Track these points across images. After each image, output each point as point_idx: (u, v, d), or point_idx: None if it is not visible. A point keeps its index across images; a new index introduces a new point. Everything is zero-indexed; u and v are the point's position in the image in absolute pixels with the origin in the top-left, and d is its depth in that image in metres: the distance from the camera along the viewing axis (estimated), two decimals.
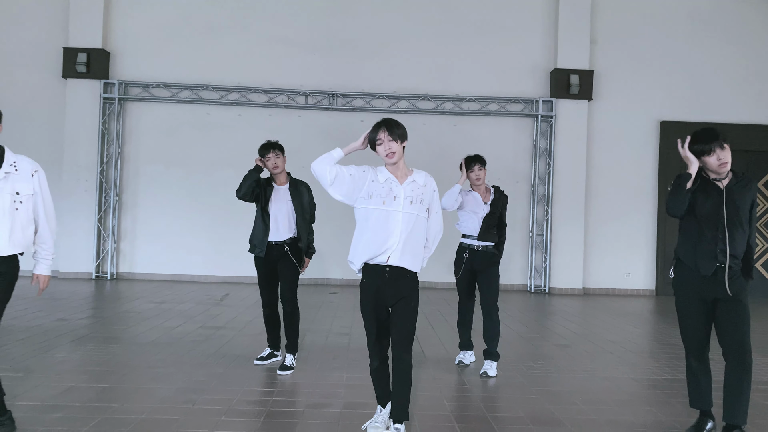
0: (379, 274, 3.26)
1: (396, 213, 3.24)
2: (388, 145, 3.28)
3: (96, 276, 10.36)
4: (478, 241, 5.04)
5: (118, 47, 10.64)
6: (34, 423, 3.46)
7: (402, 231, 3.24)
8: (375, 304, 3.30)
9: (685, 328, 3.59)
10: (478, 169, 5.07)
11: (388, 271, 3.25)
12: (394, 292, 3.28)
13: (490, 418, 3.83)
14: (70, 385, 4.21)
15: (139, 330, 6.19)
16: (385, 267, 3.25)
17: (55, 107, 10.48)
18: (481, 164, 5.11)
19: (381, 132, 3.29)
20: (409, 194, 3.29)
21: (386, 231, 3.23)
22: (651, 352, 6.16)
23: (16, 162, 3.25)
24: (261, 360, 5.00)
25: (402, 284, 3.29)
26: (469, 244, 5.07)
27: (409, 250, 3.26)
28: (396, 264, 3.24)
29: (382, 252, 3.23)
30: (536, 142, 10.78)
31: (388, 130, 3.29)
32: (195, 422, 3.57)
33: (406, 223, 3.25)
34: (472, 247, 5.05)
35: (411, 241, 3.27)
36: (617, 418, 3.92)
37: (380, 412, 3.49)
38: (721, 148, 3.43)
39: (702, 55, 10.92)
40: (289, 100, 10.64)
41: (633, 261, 10.90)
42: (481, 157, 5.15)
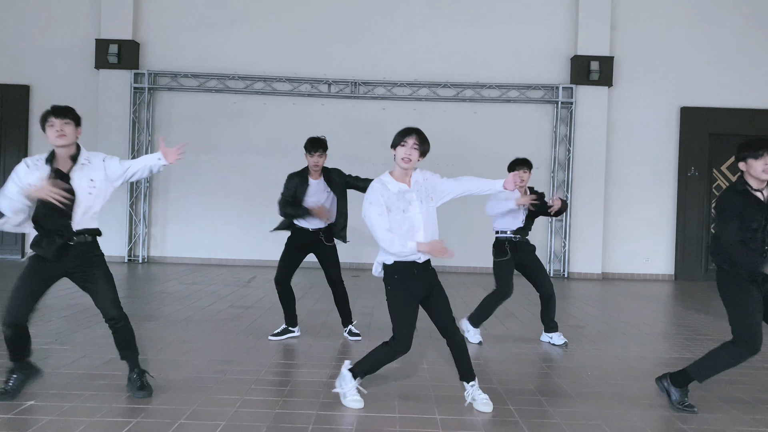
0: (409, 271, 3.56)
1: (416, 216, 3.56)
2: (410, 151, 3.53)
3: (128, 259, 10.80)
4: (514, 235, 5.35)
5: (147, 38, 10.98)
6: (84, 388, 3.80)
7: (424, 230, 3.57)
8: (409, 301, 3.58)
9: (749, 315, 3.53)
10: (523, 172, 5.24)
11: (416, 267, 3.57)
12: (425, 284, 3.61)
13: (501, 389, 4.08)
14: (111, 357, 4.54)
15: (172, 309, 6.55)
16: (413, 263, 3.56)
17: (88, 97, 10.87)
18: (527, 168, 5.30)
19: (410, 137, 3.54)
20: (419, 194, 3.60)
21: (410, 232, 3.55)
22: (664, 334, 6.33)
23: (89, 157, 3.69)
24: (275, 336, 5.26)
25: (430, 275, 3.64)
26: (507, 238, 5.35)
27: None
28: (424, 260, 3.59)
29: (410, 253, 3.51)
30: (556, 128, 10.88)
31: (418, 136, 3.55)
32: (227, 390, 3.88)
33: (425, 222, 3.58)
34: (510, 239, 5.34)
35: (431, 235, 3.60)
36: (623, 392, 4.13)
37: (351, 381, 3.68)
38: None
39: (723, 40, 10.88)
40: (312, 88, 10.90)
41: (652, 246, 10.98)
42: (528, 161, 5.34)
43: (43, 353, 4.55)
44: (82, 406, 3.50)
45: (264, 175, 10.43)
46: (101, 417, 3.34)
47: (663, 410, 3.79)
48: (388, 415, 3.53)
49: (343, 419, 3.46)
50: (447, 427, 3.38)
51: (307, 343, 5.20)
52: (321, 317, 6.33)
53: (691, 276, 10.90)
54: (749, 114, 10.80)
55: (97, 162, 3.70)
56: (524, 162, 5.31)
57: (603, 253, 10.89)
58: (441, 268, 10.95)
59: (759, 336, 3.49)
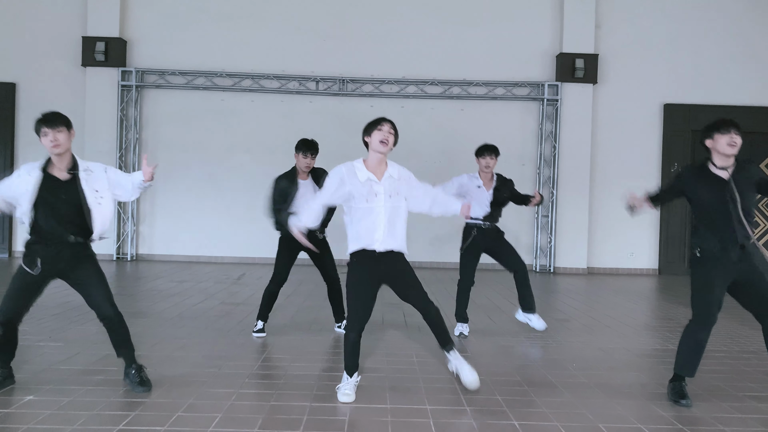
0: (369, 256, 3.70)
1: (378, 209, 3.66)
2: (387, 135, 3.69)
3: (117, 257, 10.81)
4: (483, 222, 5.44)
5: (134, 36, 10.98)
6: (81, 383, 3.87)
7: (386, 224, 3.67)
8: (364, 281, 3.70)
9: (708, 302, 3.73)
10: (490, 158, 5.42)
11: (377, 255, 3.69)
12: (386, 270, 3.73)
13: (488, 380, 4.19)
14: (106, 353, 4.60)
15: (163, 306, 6.61)
16: (374, 251, 3.69)
17: (75, 95, 10.85)
18: (495, 154, 5.44)
19: (385, 123, 3.73)
20: (388, 189, 3.70)
21: (372, 226, 3.66)
22: (647, 326, 6.50)
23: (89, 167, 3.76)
24: (260, 332, 5.30)
25: (392, 262, 3.74)
26: (477, 224, 5.44)
27: (391, 237, 3.71)
28: (382, 249, 3.69)
29: (371, 244, 3.68)
30: (542, 125, 11.04)
31: (392, 124, 3.75)
32: (222, 384, 3.97)
33: (388, 215, 3.68)
34: (479, 225, 5.44)
35: (394, 230, 3.71)
36: (606, 382, 4.27)
37: (348, 380, 3.76)
38: (737, 134, 3.65)
39: (706, 37, 11.09)
40: (300, 86, 10.96)
41: (636, 241, 11.18)
42: (496, 147, 5.47)
43: (37, 350, 4.61)
44: (80, 400, 3.56)
45: (252, 173, 10.49)
46: (100, 411, 3.41)
47: (644, 399, 3.93)
48: (380, 407, 3.63)
49: (337, 410, 3.56)
50: (437, 416, 3.49)
51: (298, 339, 5.28)
52: (312, 313, 6.42)
53: (675, 270, 11.11)
54: (731, 111, 10.98)
55: (99, 172, 3.77)
56: (491, 148, 5.44)
57: (588, 248, 11.07)
58: (424, 264, 11.01)
59: (713, 314, 3.72)
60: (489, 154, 5.42)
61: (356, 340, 3.74)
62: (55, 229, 3.61)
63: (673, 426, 3.47)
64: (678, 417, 3.61)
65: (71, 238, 3.64)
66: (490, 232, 5.46)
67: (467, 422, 3.43)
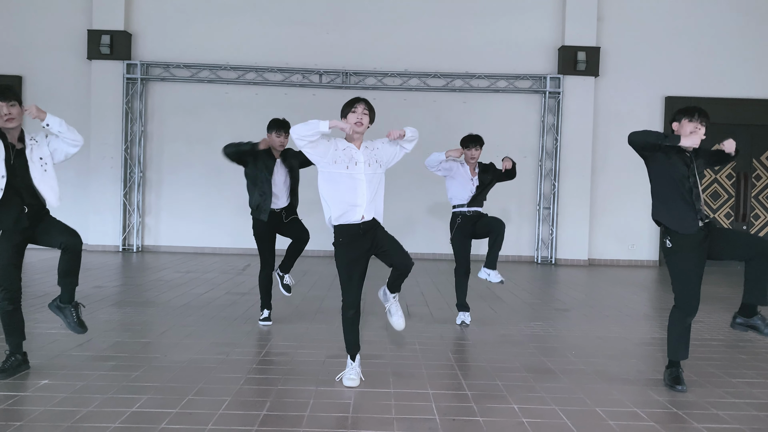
0: (354, 231, 3.75)
1: (359, 175, 3.73)
2: (361, 116, 3.77)
3: (122, 249, 10.93)
4: (468, 208, 5.61)
5: (139, 29, 11.06)
6: (93, 369, 3.99)
7: (367, 190, 3.74)
8: (352, 260, 3.77)
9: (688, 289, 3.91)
10: (475, 149, 5.62)
11: (361, 227, 3.74)
12: (372, 241, 3.78)
13: (488, 368, 4.31)
14: (116, 340, 4.75)
15: (170, 296, 6.73)
16: (359, 225, 3.74)
17: (81, 88, 10.94)
18: (480, 145, 5.65)
19: (359, 104, 3.80)
20: (367, 158, 3.78)
21: (353, 193, 3.71)
22: (646, 316, 6.61)
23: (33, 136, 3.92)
24: (266, 321, 5.42)
25: (373, 231, 3.79)
26: (461, 211, 5.62)
27: (374, 205, 3.78)
28: (368, 219, 3.75)
29: (354, 211, 3.72)
30: (544, 117, 11.11)
31: (366, 103, 3.83)
32: (230, 370, 4.09)
33: (369, 183, 3.75)
34: (463, 212, 5.61)
35: (376, 197, 3.80)
36: (604, 369, 4.38)
37: (351, 365, 3.88)
38: (702, 123, 3.90)
39: (707, 30, 11.13)
40: (303, 79, 11.04)
41: (637, 233, 11.25)
42: (481, 138, 5.68)
43: (50, 337, 4.74)
44: (94, 384, 3.69)
45: None
46: (113, 394, 3.53)
47: (641, 385, 4.04)
48: (383, 391, 3.75)
49: (342, 394, 3.68)
50: (439, 400, 3.61)
51: (303, 327, 5.40)
52: (316, 303, 6.53)
53: None
54: (733, 103, 11.07)
55: (42, 142, 3.91)
56: (476, 140, 5.62)
57: (589, 240, 11.16)
58: (426, 255, 11.10)
59: (695, 298, 3.88)
60: (474, 146, 5.60)
61: (353, 316, 3.82)
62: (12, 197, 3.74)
63: (667, 410, 3.58)
64: (673, 401, 3.72)
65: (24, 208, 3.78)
66: (473, 217, 5.61)
67: (468, 406, 3.55)
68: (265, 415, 3.29)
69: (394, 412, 3.40)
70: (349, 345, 3.90)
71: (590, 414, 3.47)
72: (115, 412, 3.26)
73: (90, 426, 3.07)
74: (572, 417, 3.40)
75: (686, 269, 3.90)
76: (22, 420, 3.13)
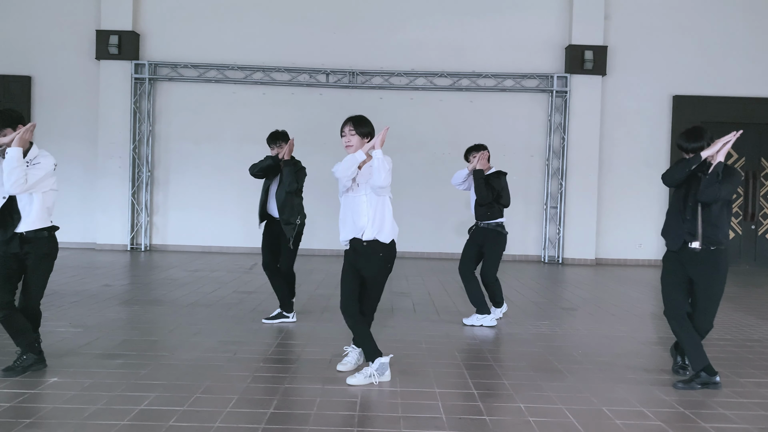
0: (353, 247, 3.89)
1: (361, 198, 3.81)
2: (349, 138, 3.88)
3: (131, 248, 10.99)
4: (479, 221, 5.64)
5: (147, 29, 11.11)
6: (101, 367, 4.02)
7: (370, 215, 3.80)
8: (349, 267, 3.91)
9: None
10: (473, 157, 5.61)
11: (360, 244, 3.84)
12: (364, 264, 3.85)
13: (495, 366, 4.32)
14: (124, 338, 4.78)
15: (178, 294, 6.77)
16: (362, 241, 3.83)
17: (89, 88, 11.01)
18: (480, 150, 5.62)
19: (345, 126, 3.92)
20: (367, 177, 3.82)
21: (356, 216, 3.82)
22: (653, 315, 6.58)
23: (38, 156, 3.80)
24: (269, 319, 5.49)
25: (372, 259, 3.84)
26: (476, 222, 5.68)
27: (378, 224, 3.81)
28: (369, 239, 3.82)
29: (358, 231, 3.82)
30: (551, 117, 11.08)
31: (352, 123, 3.91)
32: (238, 368, 4.11)
33: (368, 207, 3.81)
34: (478, 224, 5.66)
35: (378, 216, 3.82)
36: (611, 368, 4.37)
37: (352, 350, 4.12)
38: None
39: (715, 28, 11.07)
40: (310, 78, 11.06)
41: (645, 232, 11.21)
42: (481, 145, 5.67)
43: (58, 335, 4.77)
44: (102, 382, 3.71)
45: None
46: (121, 392, 3.56)
47: (647, 384, 4.03)
48: (390, 389, 3.76)
49: (349, 392, 3.69)
50: (445, 399, 3.61)
51: (310, 325, 5.42)
52: (322, 301, 6.55)
53: None
54: (741, 102, 11.02)
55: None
56: (474, 149, 5.64)
57: (597, 239, 11.13)
58: (417, 254, 11.12)
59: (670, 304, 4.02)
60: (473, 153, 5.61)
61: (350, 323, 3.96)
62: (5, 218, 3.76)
63: (675, 409, 3.57)
64: (680, 401, 3.71)
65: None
66: (483, 231, 5.60)
67: (474, 404, 3.55)
68: (272, 413, 3.31)
69: (401, 411, 3.41)
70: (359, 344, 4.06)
71: (597, 413, 3.47)
72: (123, 409, 3.28)
73: (98, 423, 3.10)
74: (579, 416, 3.40)
75: (666, 276, 4.08)
76: (32, 417, 3.16)
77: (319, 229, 9.51)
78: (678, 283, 4.01)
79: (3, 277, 3.78)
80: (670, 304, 4.03)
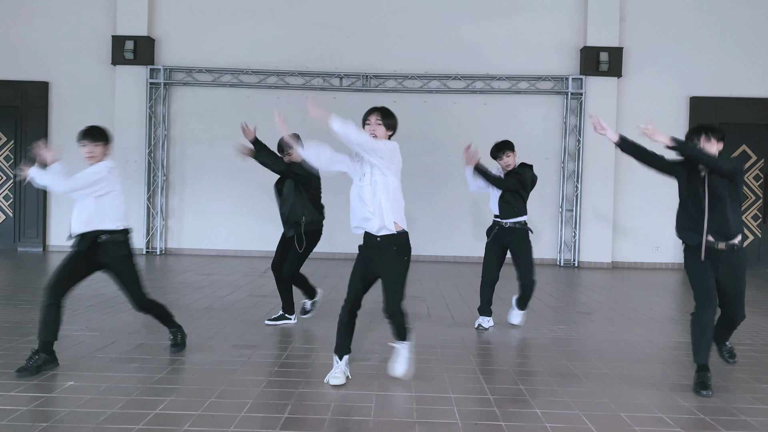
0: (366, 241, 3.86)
1: (365, 187, 3.74)
2: (375, 128, 3.78)
3: (146, 251, 11.06)
4: (504, 220, 5.45)
5: (162, 34, 11.20)
6: (118, 370, 4.04)
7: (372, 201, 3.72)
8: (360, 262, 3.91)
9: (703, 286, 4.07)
10: (506, 156, 5.40)
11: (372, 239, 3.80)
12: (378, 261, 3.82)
13: (511, 371, 4.28)
14: (140, 342, 4.80)
15: (193, 298, 6.79)
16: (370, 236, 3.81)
17: (105, 93, 11.12)
18: (510, 150, 5.41)
19: (371, 115, 3.80)
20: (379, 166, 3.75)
21: (361, 204, 3.75)
22: (671, 319, 6.50)
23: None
24: (271, 320, 5.54)
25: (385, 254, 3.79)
26: (498, 221, 5.49)
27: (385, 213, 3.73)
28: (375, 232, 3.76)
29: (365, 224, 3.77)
30: (566, 119, 11.01)
31: (380, 113, 3.80)
32: (252, 372, 4.11)
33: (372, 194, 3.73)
34: (501, 224, 5.47)
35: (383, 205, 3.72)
36: (628, 373, 4.31)
37: (338, 364, 3.91)
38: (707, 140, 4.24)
39: (732, 29, 10.94)
40: (324, 82, 11.08)
41: (662, 235, 11.07)
42: (509, 142, 5.43)
43: (75, 339, 4.80)
44: (118, 386, 3.73)
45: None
46: (137, 396, 3.57)
47: (666, 390, 3.97)
48: (405, 394, 3.73)
49: (364, 398, 3.67)
50: (461, 404, 3.58)
51: (324, 329, 5.40)
52: (337, 305, 6.50)
53: None
54: (759, 103, 10.87)
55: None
56: (502, 145, 5.40)
57: (613, 242, 11.02)
58: (431, 258, 11.08)
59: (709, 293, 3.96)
60: (503, 153, 5.39)
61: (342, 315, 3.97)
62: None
63: (694, 416, 3.51)
64: (700, 407, 3.64)
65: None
66: (511, 230, 5.45)
67: (490, 410, 3.52)
68: (286, 418, 3.30)
69: (416, 416, 3.38)
70: (337, 346, 3.97)
71: (615, 419, 3.42)
72: (138, 413, 3.29)
73: (114, 428, 3.10)
74: (596, 422, 3.35)
75: (692, 266, 4.06)
76: (48, 421, 3.17)
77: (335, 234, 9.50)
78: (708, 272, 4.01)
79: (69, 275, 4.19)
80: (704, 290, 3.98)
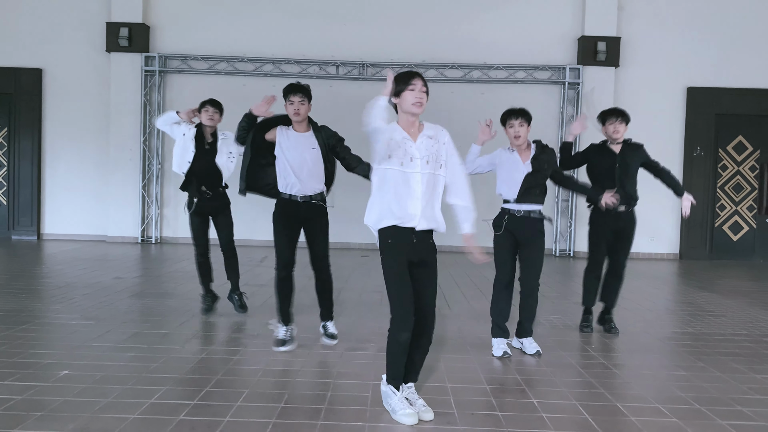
0: (405, 236, 3.13)
1: (415, 176, 3.11)
2: (420, 95, 3.19)
3: (141, 240, 11.02)
4: (518, 205, 4.47)
5: (157, 21, 11.09)
6: (112, 360, 4.02)
7: (423, 193, 3.11)
8: (403, 265, 3.12)
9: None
10: (519, 124, 4.43)
11: (415, 234, 3.15)
12: (419, 255, 3.17)
13: (507, 361, 4.26)
14: (135, 331, 4.77)
15: (189, 287, 6.77)
16: (411, 229, 3.14)
17: (100, 80, 11.03)
18: (523, 119, 4.46)
19: (418, 80, 3.20)
20: (425, 153, 3.16)
21: (407, 195, 3.10)
22: (667, 310, 6.52)
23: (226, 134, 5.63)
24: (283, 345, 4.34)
25: (427, 248, 3.20)
26: (509, 209, 4.50)
27: (430, 212, 3.16)
28: (422, 228, 3.15)
29: (406, 217, 3.11)
30: (563, 109, 10.98)
31: (423, 81, 3.23)
32: (250, 360, 4.09)
33: (426, 185, 3.12)
34: (512, 212, 4.49)
35: (432, 202, 3.17)
36: (625, 363, 4.32)
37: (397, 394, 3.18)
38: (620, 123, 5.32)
39: (730, 20, 10.90)
40: (320, 70, 11.00)
41: (657, 225, 11.09)
42: (525, 111, 4.50)
43: (70, 328, 4.78)
44: (113, 375, 3.71)
45: None
46: (132, 385, 3.55)
47: (663, 380, 3.98)
48: None
49: (361, 387, 3.64)
50: (457, 394, 3.57)
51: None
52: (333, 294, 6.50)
53: (696, 255, 11.03)
54: (755, 94, 10.85)
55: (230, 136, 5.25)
56: (516, 113, 4.47)
57: None
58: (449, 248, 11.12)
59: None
60: (514, 120, 4.45)
61: (407, 339, 3.10)
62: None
63: (690, 406, 3.51)
64: (696, 397, 3.65)
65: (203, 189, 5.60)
66: (526, 221, 4.49)
67: (487, 400, 3.51)
68: (282, 407, 3.29)
69: None
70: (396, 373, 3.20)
71: (611, 409, 3.42)
72: (134, 402, 3.27)
73: (109, 417, 3.09)
74: (592, 412, 3.35)
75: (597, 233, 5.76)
76: (43, 410, 3.15)
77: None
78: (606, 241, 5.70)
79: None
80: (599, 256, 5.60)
